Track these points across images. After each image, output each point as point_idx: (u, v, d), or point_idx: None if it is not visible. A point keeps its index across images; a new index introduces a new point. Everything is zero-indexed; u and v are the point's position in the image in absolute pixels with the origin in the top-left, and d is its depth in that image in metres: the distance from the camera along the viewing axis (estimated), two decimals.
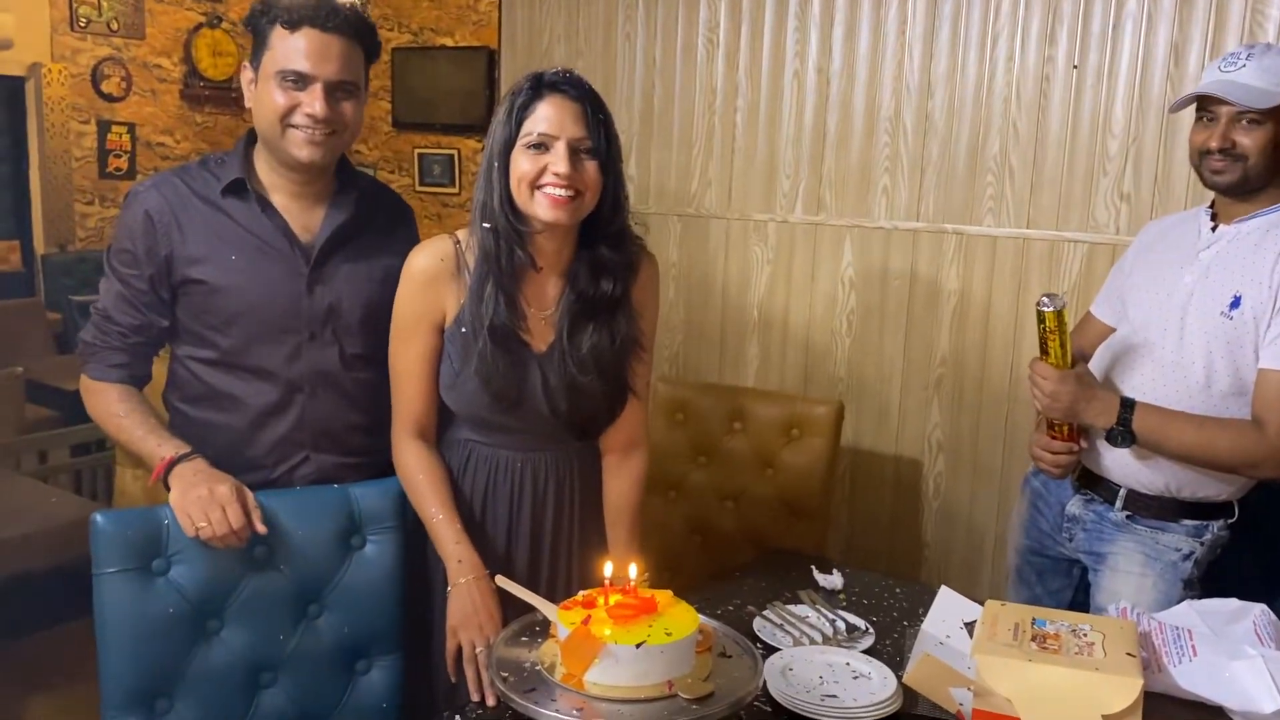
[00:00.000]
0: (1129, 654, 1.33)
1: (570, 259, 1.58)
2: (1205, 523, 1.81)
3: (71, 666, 1.66)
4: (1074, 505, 1.91)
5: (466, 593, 1.53)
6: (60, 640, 1.91)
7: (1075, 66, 2.47)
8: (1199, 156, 1.78)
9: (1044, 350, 1.75)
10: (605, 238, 1.56)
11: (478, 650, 1.50)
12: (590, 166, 1.49)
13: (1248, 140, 1.71)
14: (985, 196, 2.60)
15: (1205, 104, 1.76)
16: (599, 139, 1.49)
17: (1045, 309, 1.71)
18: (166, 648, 1.48)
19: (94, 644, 1.46)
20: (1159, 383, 1.78)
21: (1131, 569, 1.81)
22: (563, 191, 1.47)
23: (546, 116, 1.47)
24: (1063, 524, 1.93)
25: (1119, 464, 1.81)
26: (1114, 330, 1.94)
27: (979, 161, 2.59)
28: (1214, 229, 1.81)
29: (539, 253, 1.55)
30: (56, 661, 1.92)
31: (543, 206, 1.48)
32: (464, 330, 1.55)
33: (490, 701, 1.46)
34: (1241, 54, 1.73)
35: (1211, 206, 1.85)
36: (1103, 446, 1.81)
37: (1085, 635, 1.38)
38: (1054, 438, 1.83)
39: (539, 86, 1.49)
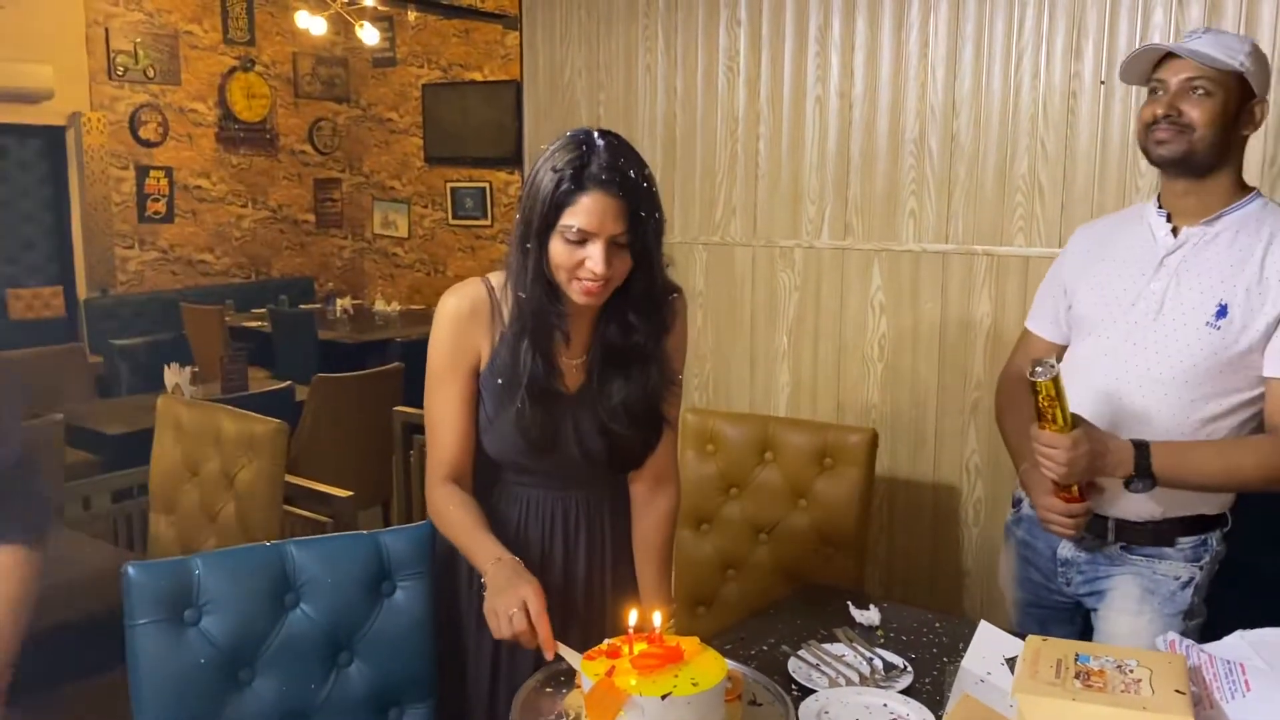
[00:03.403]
0: (1178, 691, 1.28)
1: (601, 312, 1.56)
2: (1203, 538, 1.74)
3: (106, 717, 1.67)
4: (1065, 549, 1.84)
5: (500, 570, 1.43)
6: (95, 691, 1.92)
7: (1103, 81, 2.43)
8: (1145, 131, 1.72)
9: (1042, 418, 1.65)
10: (634, 303, 1.54)
11: (513, 611, 1.36)
12: (624, 257, 1.47)
13: (1195, 111, 1.66)
14: (1015, 216, 2.56)
15: (1155, 75, 1.71)
16: (637, 233, 1.46)
17: (1040, 379, 1.61)
18: (199, 698, 1.48)
19: (127, 696, 1.47)
20: (1141, 404, 1.71)
21: (1127, 607, 1.75)
22: (595, 284, 1.46)
23: (588, 210, 1.42)
24: (1057, 569, 1.85)
25: (1103, 496, 1.74)
26: (1058, 345, 1.89)
27: (1007, 181, 2.56)
28: (1174, 231, 1.74)
29: (571, 317, 1.55)
30: (90, 713, 1.94)
31: (575, 293, 1.48)
32: (500, 382, 1.55)
33: (549, 654, 1.35)
34: (1199, 30, 1.72)
35: (1160, 206, 1.78)
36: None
37: (1131, 671, 1.33)
38: (1069, 500, 1.72)
39: (582, 179, 1.43)
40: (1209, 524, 1.75)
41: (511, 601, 1.37)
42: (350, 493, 2.79)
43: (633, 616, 1.26)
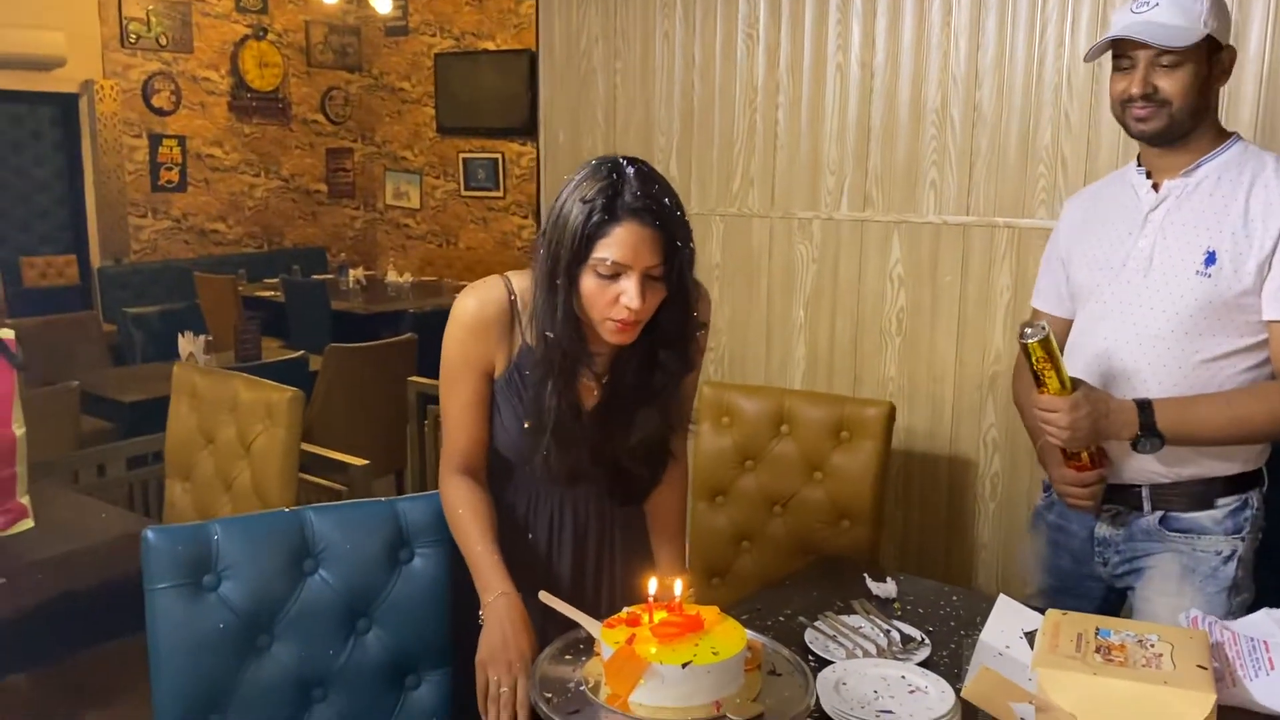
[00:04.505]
0: (1200, 666, 1.27)
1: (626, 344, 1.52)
2: (1244, 499, 1.71)
3: (122, 683, 1.68)
4: (1102, 527, 1.80)
5: (498, 623, 1.45)
6: (110, 656, 1.93)
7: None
8: (1120, 106, 1.70)
9: (1040, 382, 1.63)
10: (663, 339, 1.50)
11: (502, 689, 1.41)
12: (658, 290, 1.42)
13: (1167, 83, 1.64)
14: (1037, 188, 2.52)
15: (1121, 49, 1.68)
16: (672, 264, 1.41)
17: (1030, 339, 1.59)
18: (217, 663, 1.49)
19: (144, 660, 1.47)
20: (1143, 361, 1.69)
21: (1167, 588, 1.72)
22: (629, 322, 1.42)
23: (621, 242, 1.37)
24: (1094, 550, 1.82)
25: (1131, 463, 1.72)
26: (1064, 319, 1.87)
27: (1030, 152, 2.52)
28: (1155, 187, 1.73)
29: (598, 355, 1.53)
30: (107, 678, 1.95)
31: (608, 331, 1.44)
32: (526, 425, 1.52)
33: None
34: None
35: (1140, 165, 1.77)
36: (1112, 451, 1.71)
37: (1153, 646, 1.33)
38: (1079, 469, 1.71)
39: (615, 209, 1.37)
40: (1247, 482, 1.72)
41: (500, 671, 1.41)
42: (366, 461, 2.79)
43: (652, 585, 1.25)
